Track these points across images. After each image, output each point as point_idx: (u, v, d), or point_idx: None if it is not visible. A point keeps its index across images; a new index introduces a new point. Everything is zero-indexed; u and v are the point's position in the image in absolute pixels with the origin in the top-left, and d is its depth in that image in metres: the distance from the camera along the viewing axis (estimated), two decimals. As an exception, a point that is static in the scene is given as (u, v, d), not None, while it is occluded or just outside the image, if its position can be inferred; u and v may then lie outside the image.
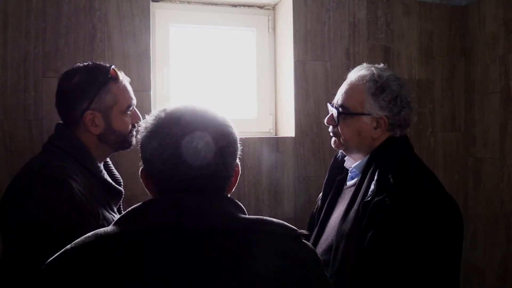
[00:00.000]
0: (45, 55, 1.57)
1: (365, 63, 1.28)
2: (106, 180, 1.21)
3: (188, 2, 1.94)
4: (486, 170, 2.04)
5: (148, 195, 0.80)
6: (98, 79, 1.17)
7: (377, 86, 1.18)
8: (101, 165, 1.23)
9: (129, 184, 1.64)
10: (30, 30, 1.56)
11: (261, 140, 1.83)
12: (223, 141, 0.74)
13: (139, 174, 0.79)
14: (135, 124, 1.29)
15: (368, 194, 1.10)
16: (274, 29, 2.06)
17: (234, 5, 2.00)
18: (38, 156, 1.16)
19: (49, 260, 0.69)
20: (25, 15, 1.55)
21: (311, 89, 1.89)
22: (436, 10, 2.11)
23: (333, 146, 1.30)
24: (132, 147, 1.30)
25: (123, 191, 1.28)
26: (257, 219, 0.72)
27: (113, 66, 1.21)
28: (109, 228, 0.70)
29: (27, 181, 1.04)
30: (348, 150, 1.27)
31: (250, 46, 2.06)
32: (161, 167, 0.72)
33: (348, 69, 1.93)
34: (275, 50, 2.06)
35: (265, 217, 0.73)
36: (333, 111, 1.25)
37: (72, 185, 1.06)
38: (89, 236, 0.69)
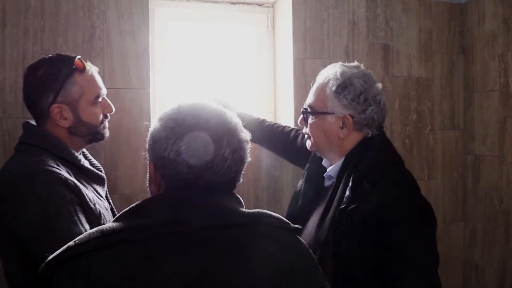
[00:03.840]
0: (44, 53, 1.55)
1: (340, 62, 1.25)
2: (86, 167, 1.20)
3: (187, 0, 1.93)
4: (485, 167, 2.05)
5: (147, 194, 0.80)
6: (63, 70, 1.15)
7: (338, 84, 1.15)
8: (78, 155, 1.20)
9: (128, 184, 1.64)
10: (29, 28, 1.55)
11: (260, 138, 1.83)
12: (243, 149, 0.77)
13: (148, 165, 0.79)
14: (107, 115, 1.27)
15: (344, 201, 1.08)
16: (273, 27, 2.06)
17: (233, 3, 1.99)
18: (12, 158, 1.13)
19: (51, 258, 0.67)
20: (24, 13, 1.55)
21: (310, 87, 1.89)
22: (435, 8, 2.10)
23: (308, 148, 1.28)
24: (105, 139, 1.28)
25: (105, 177, 1.27)
26: (258, 212, 0.75)
27: (78, 56, 1.18)
28: (114, 224, 0.69)
29: (14, 188, 1.01)
30: (320, 151, 1.25)
31: (250, 43, 2.05)
32: (186, 170, 0.72)
33: (348, 67, 1.95)
34: (274, 48, 2.06)
35: (264, 210, 0.77)
36: (302, 112, 1.25)
37: (58, 172, 1.05)
38: (93, 232, 0.68)
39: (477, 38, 2.08)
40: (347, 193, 1.09)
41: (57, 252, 0.67)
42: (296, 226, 0.79)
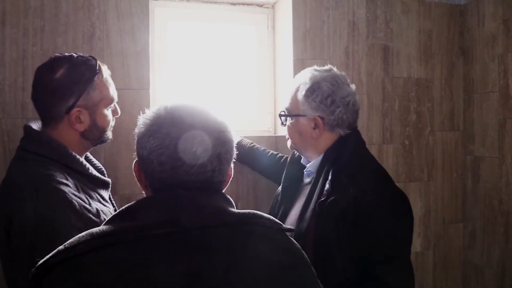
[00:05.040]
0: (44, 53, 1.56)
1: (313, 66, 1.31)
2: (93, 175, 1.18)
3: (187, 0, 1.93)
4: (484, 168, 2.05)
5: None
6: (85, 75, 1.13)
7: (307, 88, 1.23)
8: (84, 161, 1.18)
9: (129, 184, 1.64)
10: (28, 28, 1.55)
11: (260, 138, 1.83)
12: (222, 147, 0.75)
13: (133, 166, 0.79)
14: (114, 118, 1.27)
15: (323, 194, 1.15)
16: (273, 27, 2.06)
17: (233, 3, 1.99)
18: (18, 166, 1.09)
19: (41, 262, 0.66)
20: (23, 13, 1.55)
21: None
22: (435, 9, 2.11)
23: (288, 147, 1.37)
24: (109, 141, 1.29)
25: (109, 180, 1.26)
26: (248, 213, 0.74)
27: (95, 59, 1.18)
28: (104, 226, 0.69)
29: (16, 200, 0.99)
30: (299, 150, 1.34)
31: (250, 44, 2.05)
32: (158, 168, 0.72)
33: (347, 67, 1.95)
34: (274, 48, 2.06)
35: (255, 211, 0.76)
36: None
37: (65, 190, 1.02)
38: (83, 236, 0.67)
39: (477, 39, 2.08)
40: (327, 186, 1.16)
41: (47, 256, 0.66)
42: (289, 227, 0.79)
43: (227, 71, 2.04)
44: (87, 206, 1.07)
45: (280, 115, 1.32)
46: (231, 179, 0.82)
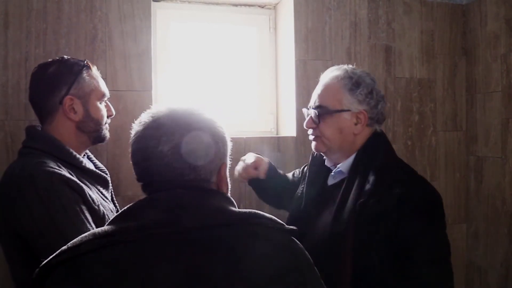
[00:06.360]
0: (46, 55, 1.57)
1: (335, 66, 1.29)
2: (89, 169, 1.20)
3: (189, 2, 1.94)
4: (487, 169, 2.04)
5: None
6: (74, 67, 1.19)
7: (352, 82, 1.22)
8: (81, 156, 1.21)
9: (131, 185, 1.65)
10: (31, 30, 1.56)
11: (262, 139, 1.83)
12: (191, 144, 0.74)
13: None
14: (109, 117, 1.30)
15: (364, 194, 1.12)
16: (275, 28, 2.06)
17: (235, 5, 2.00)
18: (15, 161, 1.14)
19: (45, 262, 0.67)
20: (26, 15, 1.56)
21: (312, 88, 1.87)
22: (437, 9, 2.10)
23: (314, 150, 1.30)
24: (106, 140, 1.30)
25: (108, 178, 1.28)
26: (250, 212, 0.74)
27: (86, 60, 1.25)
28: (106, 227, 0.70)
29: (16, 188, 1.02)
30: (330, 151, 1.26)
31: (251, 45, 2.06)
32: (135, 170, 0.76)
33: (349, 68, 1.95)
34: (276, 49, 2.06)
35: (256, 211, 0.75)
36: (311, 113, 1.26)
37: (60, 172, 1.06)
38: (86, 236, 0.69)
39: (479, 39, 2.07)
40: (368, 186, 1.13)
41: (51, 256, 0.67)
42: (291, 227, 0.77)
43: (229, 72, 2.04)
44: (83, 186, 1.09)
45: (319, 114, 1.23)
46: (224, 178, 0.80)
